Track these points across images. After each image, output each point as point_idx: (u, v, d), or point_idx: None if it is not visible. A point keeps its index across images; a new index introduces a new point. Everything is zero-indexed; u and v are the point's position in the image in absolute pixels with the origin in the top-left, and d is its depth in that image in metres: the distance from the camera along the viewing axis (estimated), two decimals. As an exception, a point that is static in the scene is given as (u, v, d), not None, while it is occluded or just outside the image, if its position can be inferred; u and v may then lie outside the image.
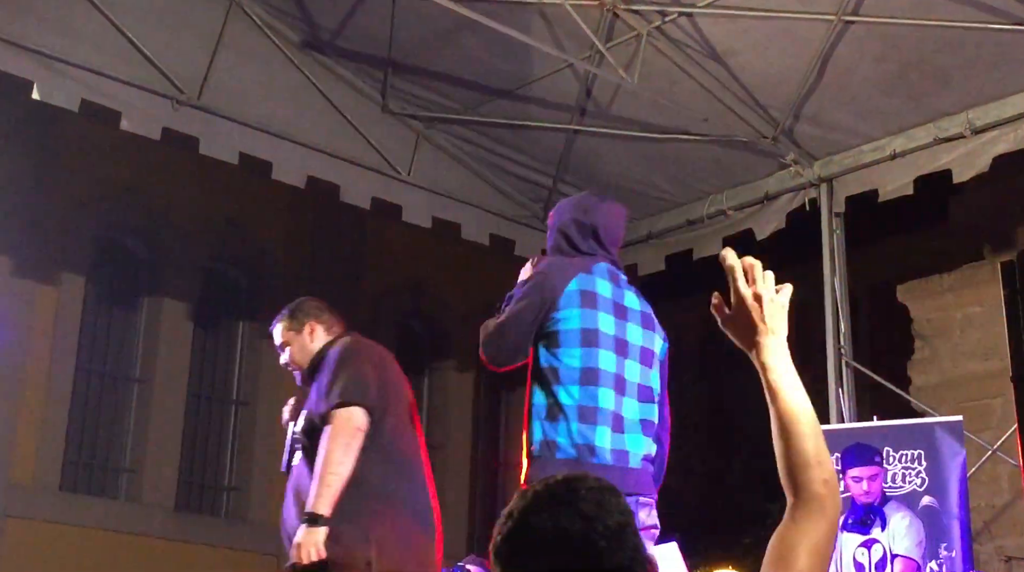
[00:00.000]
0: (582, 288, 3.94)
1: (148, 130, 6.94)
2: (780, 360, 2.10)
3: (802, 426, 2.07)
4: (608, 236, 4.19)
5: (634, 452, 3.83)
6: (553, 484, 1.79)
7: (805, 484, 2.02)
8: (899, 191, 6.96)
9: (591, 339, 3.84)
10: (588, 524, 1.73)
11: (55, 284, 9.60)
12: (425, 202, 8.04)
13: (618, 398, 3.84)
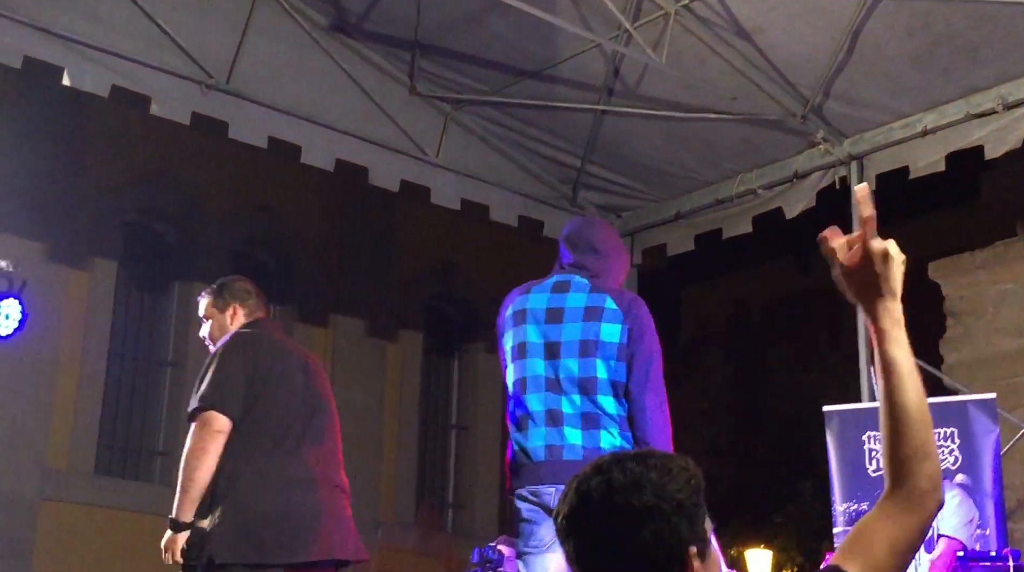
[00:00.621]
0: (515, 310, 4.35)
1: (178, 115, 6.97)
2: (898, 328, 1.96)
3: (915, 413, 1.95)
4: (569, 247, 4.45)
5: (571, 444, 4.02)
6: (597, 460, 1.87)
7: (908, 476, 1.92)
8: (930, 168, 6.90)
9: (522, 351, 4.20)
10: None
11: (87, 269, 9.68)
12: (454, 184, 8.04)
13: (551, 397, 4.09)
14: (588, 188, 8.40)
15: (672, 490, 1.81)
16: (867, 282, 1.94)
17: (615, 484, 1.82)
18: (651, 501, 1.80)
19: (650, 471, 1.82)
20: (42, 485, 9.25)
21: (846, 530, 6.27)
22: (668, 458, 1.87)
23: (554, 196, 8.46)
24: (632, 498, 1.81)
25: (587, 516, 1.84)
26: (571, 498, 1.85)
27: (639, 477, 1.82)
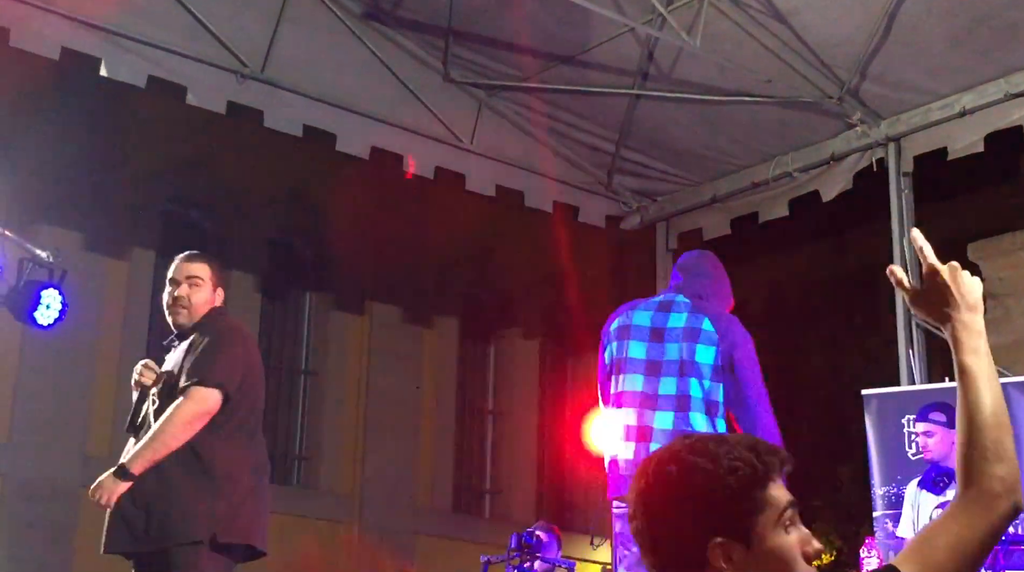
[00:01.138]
0: (621, 325, 4.67)
1: (213, 104, 7.01)
2: (975, 338, 2.06)
3: (986, 416, 1.96)
4: (680, 271, 4.89)
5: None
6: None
7: (977, 478, 1.92)
8: (969, 149, 6.84)
9: (623, 366, 4.51)
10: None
11: (126, 259, 9.77)
12: (488, 170, 8.04)
13: (646, 413, 4.36)
14: (623, 173, 8.38)
15: (699, 479, 1.81)
16: (936, 300, 2.07)
17: (660, 468, 1.85)
18: (675, 489, 1.82)
19: (697, 456, 1.83)
20: (83, 473, 9.33)
21: (885, 514, 6.25)
22: (724, 444, 1.86)
23: (589, 181, 8.45)
24: (664, 482, 1.83)
25: (633, 499, 1.88)
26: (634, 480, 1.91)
27: (683, 462, 1.83)
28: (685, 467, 1.83)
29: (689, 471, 1.82)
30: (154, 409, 4.50)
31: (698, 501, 1.80)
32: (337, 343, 11.18)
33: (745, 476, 1.81)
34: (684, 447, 1.86)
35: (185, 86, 6.87)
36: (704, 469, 1.81)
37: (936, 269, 2.07)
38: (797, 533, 1.85)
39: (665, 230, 8.59)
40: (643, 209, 8.60)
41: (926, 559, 1.86)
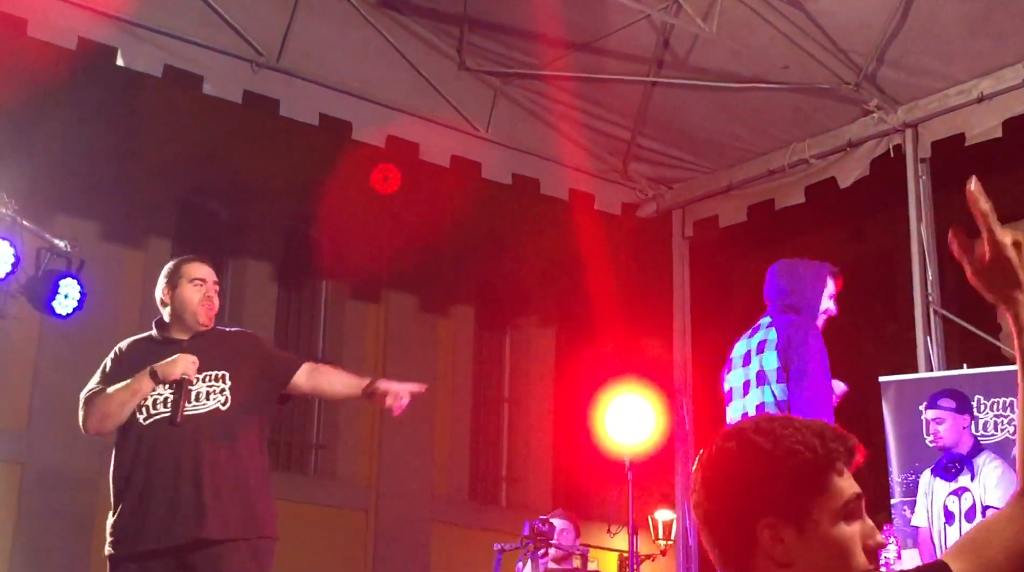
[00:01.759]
0: (730, 357, 5.19)
1: (229, 93, 7.01)
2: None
3: None
4: (767, 293, 5.25)
5: None
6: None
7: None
8: (987, 134, 6.81)
9: (729, 396, 5.05)
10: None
11: (143, 248, 9.79)
12: (504, 158, 8.03)
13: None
14: (639, 160, 8.36)
15: (756, 457, 1.80)
16: (999, 278, 1.86)
17: (722, 443, 1.86)
18: (732, 465, 1.83)
19: (759, 435, 1.83)
20: (102, 462, 9.37)
21: (903, 500, 6.24)
22: (790, 426, 1.83)
23: (605, 169, 8.44)
24: (723, 457, 1.85)
25: (694, 472, 1.90)
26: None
27: (744, 439, 1.84)
28: (745, 444, 1.81)
29: (748, 448, 1.81)
30: (221, 402, 4.50)
31: (752, 479, 1.79)
32: (353, 331, 11.20)
33: (805, 459, 1.78)
34: (749, 426, 1.85)
35: (201, 75, 6.87)
36: (762, 448, 1.79)
37: (1003, 242, 1.85)
38: (860, 525, 1.80)
39: (681, 217, 8.58)
40: (659, 197, 8.59)
41: (980, 558, 1.81)
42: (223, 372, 4.49)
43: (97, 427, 4.49)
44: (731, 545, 1.81)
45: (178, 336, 4.60)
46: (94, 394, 4.52)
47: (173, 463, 4.33)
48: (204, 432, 4.37)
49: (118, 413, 4.43)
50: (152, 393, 4.43)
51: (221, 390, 4.46)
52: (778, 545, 1.76)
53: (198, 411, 4.41)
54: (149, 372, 4.42)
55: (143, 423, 4.41)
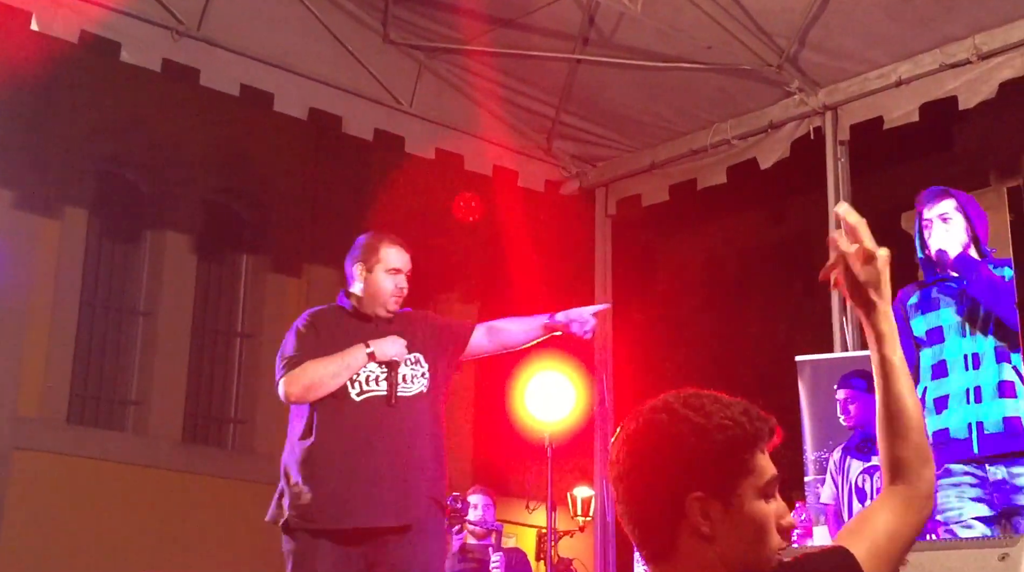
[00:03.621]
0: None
1: (148, 62, 6.88)
2: (895, 332, 2.02)
3: (914, 414, 2.00)
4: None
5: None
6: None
7: (912, 478, 1.97)
8: (904, 118, 6.90)
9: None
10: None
11: (58, 218, 9.61)
12: (428, 133, 7.99)
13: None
14: (563, 138, 8.37)
15: (688, 431, 1.82)
16: (864, 286, 2.00)
17: (652, 416, 1.88)
18: (663, 438, 1.83)
19: (690, 410, 1.85)
20: (14, 434, 9.23)
21: (817, 478, 6.33)
22: (718, 403, 1.87)
23: (529, 146, 8.43)
24: (654, 429, 1.86)
25: (619, 444, 1.91)
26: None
27: (675, 413, 1.85)
28: (676, 417, 1.82)
29: (680, 420, 1.82)
30: (424, 385, 4.50)
31: (684, 453, 1.79)
32: (274, 306, 11.10)
33: (736, 435, 1.81)
34: (678, 399, 1.86)
35: (119, 43, 6.74)
36: (695, 423, 1.81)
37: (875, 254, 2.01)
38: (776, 505, 1.85)
39: (604, 196, 8.60)
40: (582, 174, 8.60)
41: (871, 543, 1.89)
42: (418, 354, 4.50)
43: (301, 395, 4.40)
44: (655, 519, 1.81)
45: (374, 314, 4.56)
46: (296, 361, 4.42)
47: (385, 443, 4.30)
48: (413, 416, 4.38)
49: (328, 384, 4.36)
50: (363, 369, 4.39)
51: (423, 373, 4.49)
52: (705, 520, 1.78)
53: (407, 393, 4.41)
54: (366, 348, 4.38)
55: (355, 399, 4.36)
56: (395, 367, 4.40)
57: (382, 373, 4.39)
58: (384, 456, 4.29)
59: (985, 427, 4.15)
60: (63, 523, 9.15)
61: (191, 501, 9.78)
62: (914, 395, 2.01)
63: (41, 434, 9.33)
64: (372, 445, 4.30)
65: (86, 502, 9.34)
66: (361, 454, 4.28)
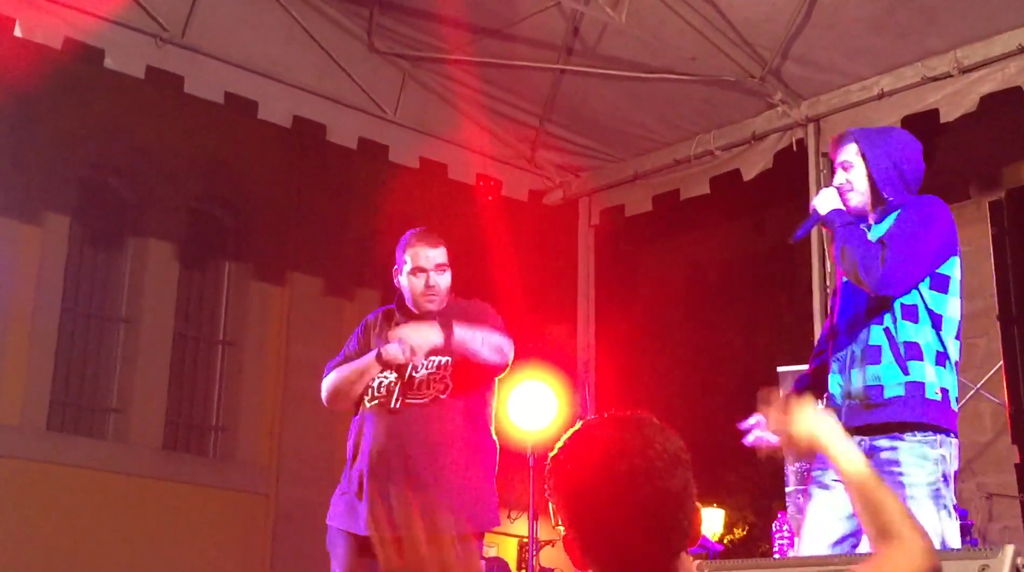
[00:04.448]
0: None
1: (132, 68, 6.88)
2: (846, 448, 2.16)
3: (888, 499, 2.10)
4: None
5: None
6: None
7: (897, 538, 2.02)
8: (886, 131, 6.94)
9: (962, 292, 3.85)
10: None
11: (39, 224, 9.56)
12: (412, 142, 8.00)
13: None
14: (547, 148, 8.39)
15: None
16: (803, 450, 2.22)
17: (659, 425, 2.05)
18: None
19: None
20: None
21: (797, 488, 6.35)
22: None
23: (512, 155, 8.45)
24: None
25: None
26: None
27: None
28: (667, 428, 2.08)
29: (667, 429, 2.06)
30: (441, 390, 4.33)
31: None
32: (256, 314, 11.06)
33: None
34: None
35: (103, 49, 6.73)
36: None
37: (799, 444, 2.21)
38: None
39: (588, 206, 8.63)
40: (566, 184, 8.62)
41: None
42: (447, 358, 4.31)
43: (330, 402, 4.41)
44: (680, 525, 1.81)
45: (421, 312, 4.45)
46: (333, 368, 4.41)
47: (381, 453, 4.21)
48: (417, 424, 4.22)
49: (347, 391, 4.35)
50: (380, 375, 4.30)
51: (442, 378, 4.30)
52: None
53: (418, 400, 4.27)
54: (376, 353, 4.28)
55: (367, 405, 4.32)
56: (402, 371, 4.30)
57: (394, 378, 4.32)
58: (378, 465, 4.23)
59: (852, 396, 3.74)
60: (43, 531, 9.10)
61: (172, 509, 9.74)
62: (882, 490, 2.10)
63: (21, 441, 9.27)
64: (370, 453, 4.26)
65: (66, 510, 9.28)
66: (362, 462, 4.26)
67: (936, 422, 3.62)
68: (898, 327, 3.67)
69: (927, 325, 3.68)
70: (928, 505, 3.51)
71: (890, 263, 3.58)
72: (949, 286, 3.73)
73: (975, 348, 8.40)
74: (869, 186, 3.92)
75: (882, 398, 3.65)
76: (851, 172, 3.94)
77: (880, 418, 3.64)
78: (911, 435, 3.59)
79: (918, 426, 3.60)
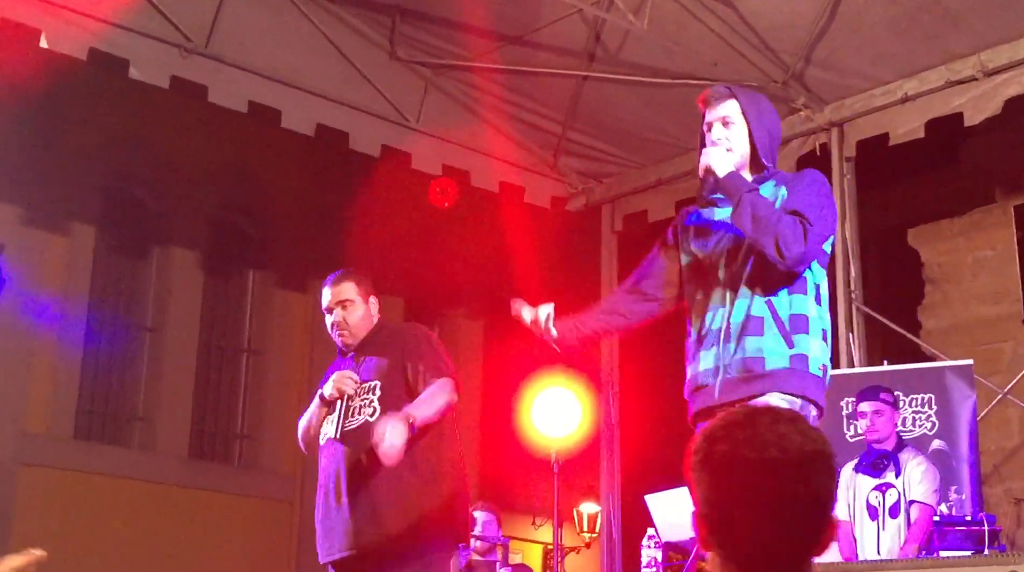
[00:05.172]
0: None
1: (156, 79, 6.92)
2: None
3: None
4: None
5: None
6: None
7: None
8: (910, 135, 6.92)
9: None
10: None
11: (65, 234, 9.62)
12: (434, 149, 8.02)
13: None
14: (569, 154, 8.39)
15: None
16: None
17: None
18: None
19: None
20: (21, 450, 9.23)
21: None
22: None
23: (535, 162, 8.45)
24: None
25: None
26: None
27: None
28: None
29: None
30: (369, 413, 4.38)
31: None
32: (280, 321, 11.10)
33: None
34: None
35: (128, 60, 6.77)
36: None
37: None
38: None
39: (611, 212, 8.62)
40: (588, 191, 8.62)
41: None
42: (376, 382, 4.42)
43: (306, 449, 4.63)
44: (818, 530, 1.80)
45: (349, 349, 4.59)
46: (301, 417, 4.65)
47: (328, 480, 4.38)
48: (351, 448, 4.33)
49: (307, 435, 4.57)
50: (330, 411, 4.46)
51: (371, 402, 4.40)
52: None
53: (352, 427, 4.39)
54: (319, 395, 4.49)
55: (321, 442, 4.49)
56: (340, 403, 4.45)
57: (338, 410, 4.47)
58: (328, 492, 4.38)
59: (728, 370, 3.46)
60: (70, 539, 9.14)
61: (197, 516, 9.77)
62: None
63: (48, 450, 9.33)
64: (322, 483, 4.42)
65: (93, 518, 9.33)
66: (323, 493, 4.42)
67: (815, 397, 3.42)
68: (783, 299, 3.46)
69: (812, 298, 3.50)
70: None
71: (811, 239, 3.38)
72: (827, 262, 3.57)
73: (1000, 353, 8.36)
74: (750, 149, 3.63)
75: (763, 370, 3.41)
76: (731, 130, 3.61)
77: (760, 390, 3.38)
78: (792, 400, 3.35)
79: (795, 400, 3.38)
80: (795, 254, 3.36)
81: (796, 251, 3.35)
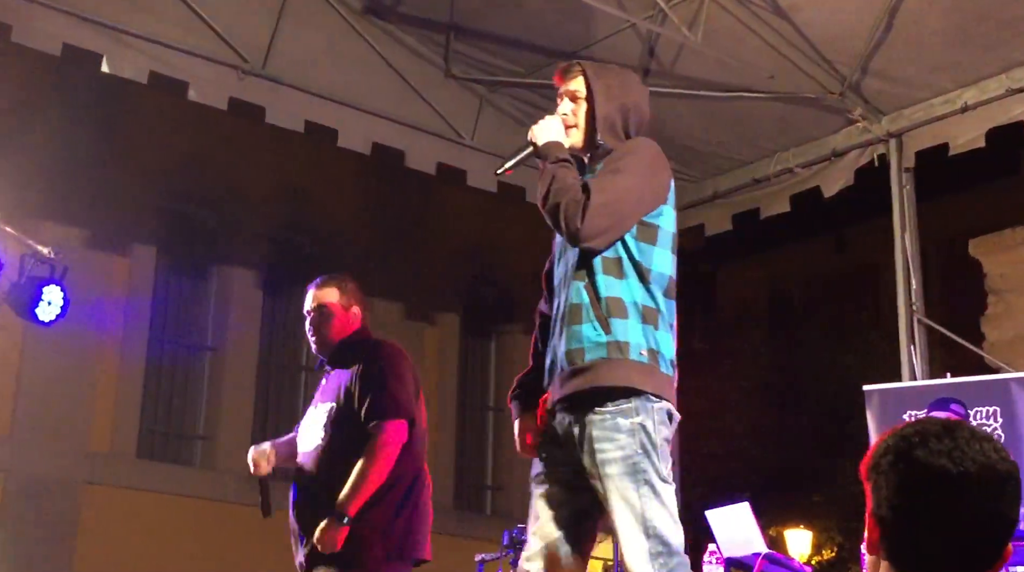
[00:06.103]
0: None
1: (215, 100, 7.01)
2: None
3: None
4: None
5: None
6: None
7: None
8: (970, 144, 6.84)
9: (675, 247, 3.40)
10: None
11: (127, 255, 9.77)
12: (490, 166, 8.02)
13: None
14: (624, 169, 8.36)
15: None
16: None
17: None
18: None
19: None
20: (85, 469, 9.36)
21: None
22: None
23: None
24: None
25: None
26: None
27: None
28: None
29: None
30: (320, 436, 4.42)
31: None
32: (339, 339, 11.19)
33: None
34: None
35: (187, 82, 6.87)
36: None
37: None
38: None
39: (668, 226, 8.58)
40: (645, 205, 8.59)
41: None
42: (331, 405, 4.41)
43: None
44: (995, 554, 1.75)
45: (320, 361, 4.66)
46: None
47: (294, 504, 4.53)
48: (306, 470, 4.45)
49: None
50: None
51: (322, 425, 4.41)
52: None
53: (306, 449, 4.46)
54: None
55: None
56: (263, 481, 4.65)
57: (310, 425, 4.54)
58: (295, 517, 4.53)
59: (561, 363, 3.26)
60: (133, 557, 9.24)
61: (259, 534, 9.82)
62: None
63: (111, 469, 9.45)
64: (294, 504, 4.55)
65: (155, 536, 9.43)
66: (291, 513, 4.59)
67: (639, 386, 3.19)
68: (600, 282, 3.25)
69: (633, 279, 3.27)
70: (624, 482, 3.12)
71: (591, 215, 3.19)
72: (659, 238, 3.31)
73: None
74: (587, 126, 3.47)
75: (583, 361, 3.22)
76: (578, 104, 3.48)
77: (581, 385, 3.20)
78: (601, 407, 3.17)
79: (619, 392, 3.18)
80: (571, 231, 3.18)
81: (572, 227, 3.18)
